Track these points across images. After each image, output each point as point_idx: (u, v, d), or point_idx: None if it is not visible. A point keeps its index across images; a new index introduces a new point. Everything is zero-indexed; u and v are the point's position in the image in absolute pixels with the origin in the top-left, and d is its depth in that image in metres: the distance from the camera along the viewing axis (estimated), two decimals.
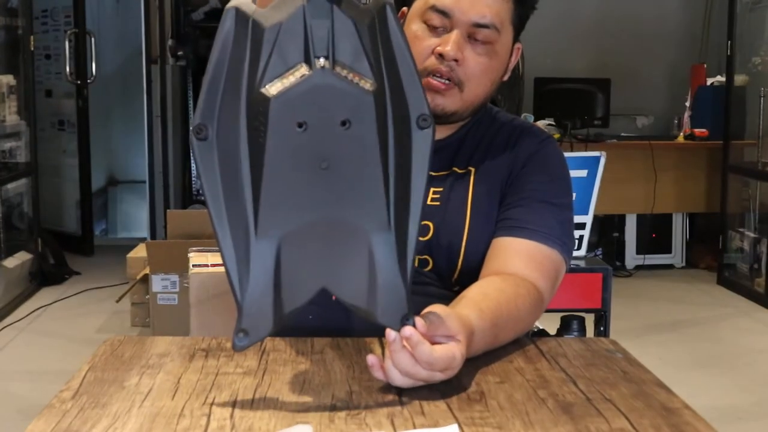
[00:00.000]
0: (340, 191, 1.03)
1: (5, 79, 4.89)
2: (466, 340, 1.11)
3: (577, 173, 2.73)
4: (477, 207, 1.45)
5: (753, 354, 4.11)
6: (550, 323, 2.54)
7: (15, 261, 4.86)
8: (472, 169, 1.47)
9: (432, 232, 1.44)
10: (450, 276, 1.45)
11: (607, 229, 5.72)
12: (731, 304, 5.01)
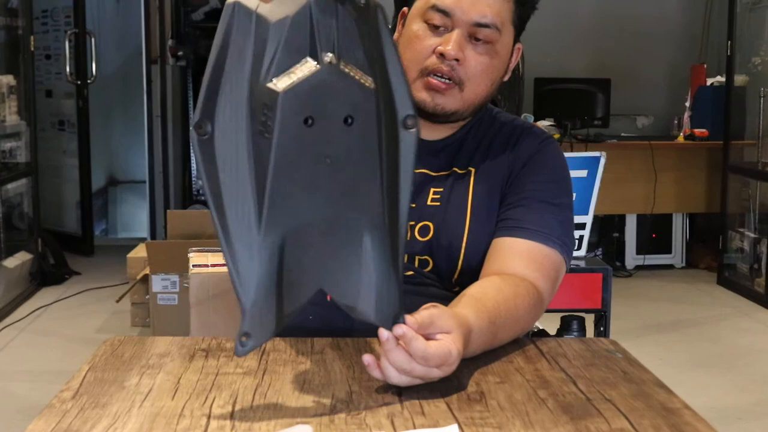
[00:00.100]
0: (340, 189, 1.03)
1: (5, 79, 4.89)
2: (462, 336, 1.11)
3: (577, 173, 2.73)
4: (477, 207, 1.45)
5: (753, 354, 4.11)
6: (550, 323, 2.54)
7: (15, 261, 4.86)
8: (472, 170, 1.47)
9: (432, 232, 1.44)
10: (450, 276, 1.45)
11: (607, 229, 5.72)
12: (731, 304, 5.01)
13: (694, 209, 5.80)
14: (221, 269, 2.55)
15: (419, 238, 1.44)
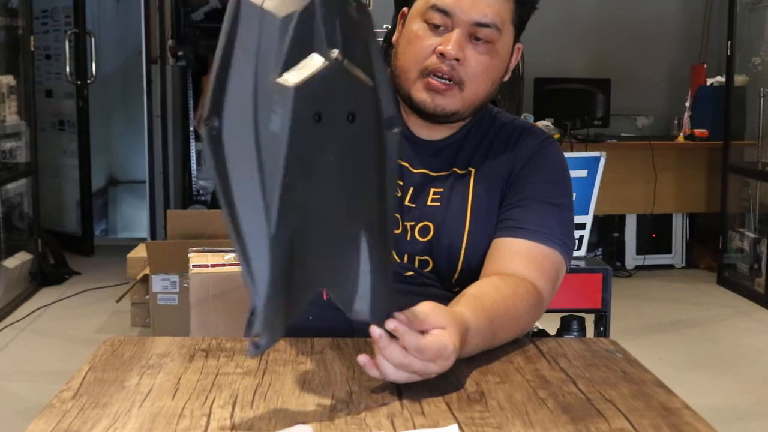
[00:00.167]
0: (342, 188, 1.03)
1: (5, 80, 4.89)
2: (457, 332, 1.11)
3: (577, 173, 2.73)
4: (477, 207, 1.45)
5: (753, 354, 4.11)
6: (550, 323, 2.54)
7: (15, 261, 4.86)
8: (472, 170, 1.47)
9: (432, 232, 1.44)
10: (450, 276, 1.44)
11: (607, 229, 5.72)
12: (731, 304, 5.01)
13: (694, 209, 5.80)
14: (221, 269, 2.55)
15: (419, 238, 1.44)
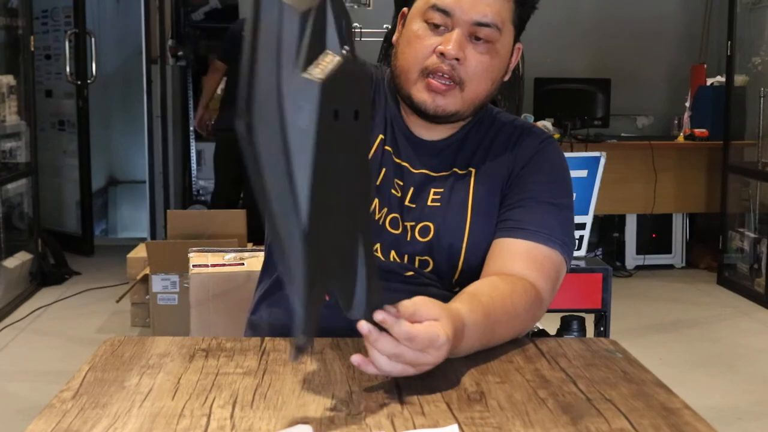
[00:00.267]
0: (349, 185, 1.03)
1: (5, 79, 4.89)
2: (450, 324, 1.11)
3: (577, 173, 2.72)
4: (478, 208, 1.45)
5: (753, 354, 4.11)
6: (550, 323, 2.54)
7: (15, 261, 4.86)
8: (472, 170, 1.47)
9: (432, 232, 1.43)
10: (450, 277, 1.44)
11: (607, 229, 5.72)
12: (731, 304, 5.01)
13: (694, 209, 5.80)
14: (221, 269, 2.55)
15: (419, 238, 1.44)
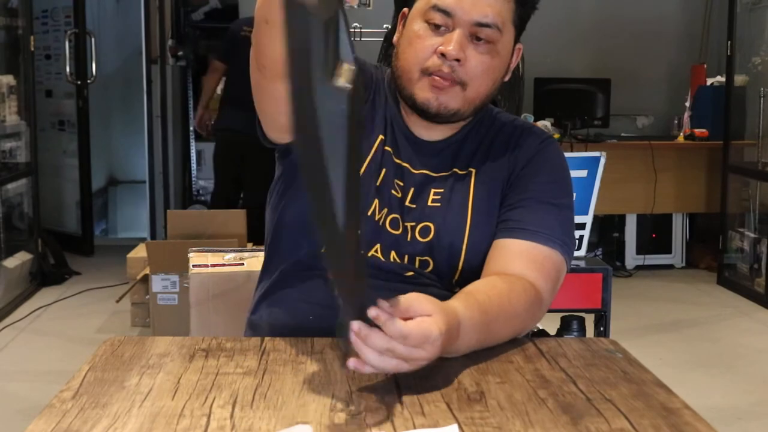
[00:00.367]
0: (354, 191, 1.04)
1: (5, 79, 4.89)
2: (444, 320, 1.11)
3: (577, 173, 2.72)
4: (478, 208, 1.45)
5: (753, 354, 4.11)
6: (550, 323, 2.54)
7: (15, 261, 4.86)
8: (473, 170, 1.47)
9: (433, 233, 1.43)
10: (451, 277, 1.44)
11: (607, 229, 5.72)
12: (731, 304, 5.01)
13: (694, 209, 5.80)
14: (221, 269, 2.55)
15: (420, 238, 1.43)
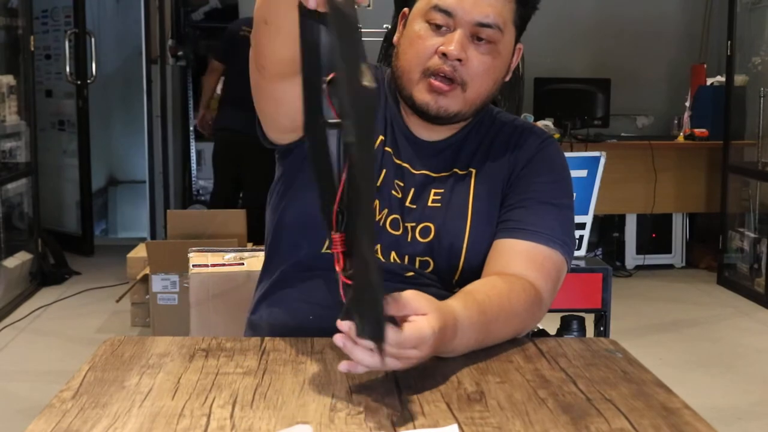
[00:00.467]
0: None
1: (5, 79, 4.89)
2: (439, 318, 1.11)
3: (577, 173, 2.72)
4: (478, 208, 1.45)
5: (753, 354, 4.11)
6: (550, 323, 2.54)
7: (15, 261, 4.86)
8: (473, 171, 1.47)
9: (433, 233, 1.43)
10: (451, 277, 1.44)
11: (607, 229, 5.72)
12: (731, 304, 5.01)
13: (694, 209, 5.80)
14: (221, 269, 2.55)
15: (420, 239, 1.43)
